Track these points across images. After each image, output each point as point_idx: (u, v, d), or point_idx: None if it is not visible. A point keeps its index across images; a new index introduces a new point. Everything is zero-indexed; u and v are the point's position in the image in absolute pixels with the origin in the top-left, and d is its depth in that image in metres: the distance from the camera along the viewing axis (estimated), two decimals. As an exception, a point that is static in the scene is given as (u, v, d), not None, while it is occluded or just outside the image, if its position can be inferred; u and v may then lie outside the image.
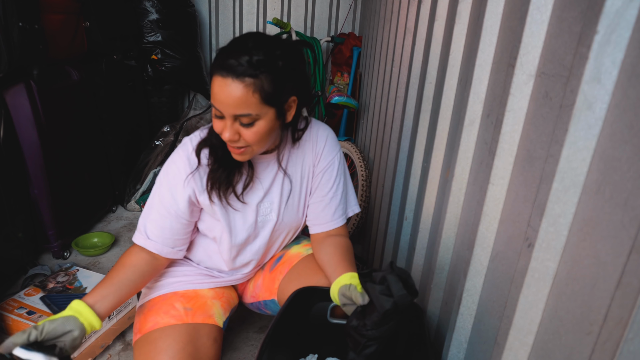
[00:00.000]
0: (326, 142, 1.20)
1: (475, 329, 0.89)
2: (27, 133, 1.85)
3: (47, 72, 1.92)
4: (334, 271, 1.08)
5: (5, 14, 1.62)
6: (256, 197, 1.15)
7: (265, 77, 0.92)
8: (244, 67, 0.90)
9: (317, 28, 3.51)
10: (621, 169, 0.52)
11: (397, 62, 1.74)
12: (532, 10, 0.72)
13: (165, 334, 1.07)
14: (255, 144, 0.99)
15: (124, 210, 2.64)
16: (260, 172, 1.15)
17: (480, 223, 0.85)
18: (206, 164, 1.09)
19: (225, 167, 1.08)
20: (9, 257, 1.78)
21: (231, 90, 0.91)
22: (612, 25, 0.54)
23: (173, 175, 1.09)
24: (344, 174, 1.24)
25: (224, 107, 0.94)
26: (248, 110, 0.93)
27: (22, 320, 1.49)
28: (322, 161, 1.20)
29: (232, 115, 0.94)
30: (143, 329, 1.11)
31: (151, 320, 1.11)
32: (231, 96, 0.91)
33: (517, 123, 0.77)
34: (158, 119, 3.08)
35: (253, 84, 0.91)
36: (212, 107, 0.97)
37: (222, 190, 1.09)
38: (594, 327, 0.54)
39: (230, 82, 0.91)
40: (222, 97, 0.92)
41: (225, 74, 0.91)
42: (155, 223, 1.10)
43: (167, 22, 2.84)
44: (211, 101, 0.96)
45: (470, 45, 1.02)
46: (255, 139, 0.98)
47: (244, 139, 0.98)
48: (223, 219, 1.13)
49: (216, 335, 1.15)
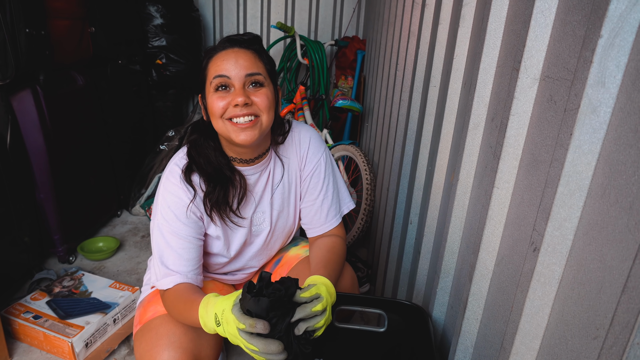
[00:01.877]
0: (309, 145, 1.18)
1: (481, 334, 0.89)
2: (33, 138, 1.86)
3: (53, 77, 1.94)
4: (310, 273, 1.06)
5: (12, 20, 1.64)
6: (250, 208, 1.15)
7: (264, 54, 1.04)
8: (247, 40, 1.01)
9: (321, 32, 3.52)
10: (626, 173, 0.52)
11: (401, 66, 1.74)
12: (536, 14, 0.72)
13: (166, 320, 1.05)
14: (264, 112, 1.00)
15: (129, 214, 2.65)
16: (252, 185, 1.14)
17: (486, 227, 0.85)
18: (200, 189, 1.07)
19: (220, 184, 1.06)
20: (15, 261, 1.80)
21: (240, 54, 0.98)
22: (615, 29, 0.54)
23: (176, 205, 1.05)
24: (333, 173, 1.22)
25: (235, 70, 0.97)
26: (257, 69, 0.99)
27: (29, 325, 1.50)
28: (307, 165, 1.18)
29: (243, 77, 0.97)
30: (143, 319, 1.09)
31: (151, 310, 1.10)
32: (241, 58, 0.98)
33: (521, 127, 0.77)
34: (163, 123, 3.09)
35: (257, 52, 1.02)
36: (213, 85, 0.99)
37: (221, 209, 1.07)
38: (601, 331, 0.53)
39: (238, 49, 0.99)
40: (232, 62, 0.97)
41: (229, 45, 1.00)
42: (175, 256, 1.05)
43: (172, 26, 2.86)
44: (213, 75, 0.98)
45: (474, 49, 1.02)
46: (265, 104, 1.00)
47: (256, 104, 0.99)
48: (222, 234, 1.13)
49: None
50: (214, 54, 1.00)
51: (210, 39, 3.53)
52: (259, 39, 1.05)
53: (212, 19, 3.49)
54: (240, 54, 0.98)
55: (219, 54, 0.99)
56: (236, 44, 1.00)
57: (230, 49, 0.99)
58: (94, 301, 1.63)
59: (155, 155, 2.72)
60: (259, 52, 1.02)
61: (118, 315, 1.60)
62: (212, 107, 0.99)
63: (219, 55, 0.99)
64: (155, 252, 1.06)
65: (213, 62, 0.99)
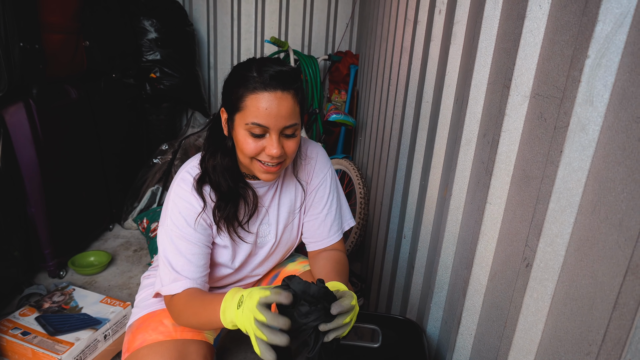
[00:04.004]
0: (317, 160, 1.20)
1: (475, 349, 0.88)
2: (25, 151, 1.85)
3: (46, 91, 1.94)
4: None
5: (6, 34, 1.64)
6: (257, 221, 1.16)
7: (299, 88, 0.97)
8: (289, 77, 0.94)
9: (315, 46, 3.56)
10: (615, 190, 0.53)
11: (394, 81, 1.76)
12: (525, 33, 0.73)
13: (153, 350, 1.04)
14: (291, 156, 1.01)
15: (121, 228, 2.63)
16: (260, 196, 1.15)
17: (479, 242, 0.85)
18: (210, 200, 1.07)
19: (232, 201, 1.06)
20: (4, 275, 1.77)
21: (282, 102, 0.93)
22: (602, 50, 0.55)
23: (187, 212, 1.04)
24: (337, 189, 1.24)
25: (276, 121, 0.93)
26: (295, 120, 0.96)
27: (17, 341, 1.47)
28: (314, 179, 1.20)
29: (280, 129, 0.94)
30: (131, 348, 1.08)
31: (139, 338, 1.09)
32: (283, 108, 0.93)
33: (513, 143, 0.78)
34: (156, 136, 3.09)
35: (295, 93, 0.95)
36: (248, 127, 0.94)
37: (230, 223, 1.08)
38: (593, 347, 0.54)
39: (280, 94, 0.92)
40: (274, 112, 0.92)
41: (272, 87, 0.92)
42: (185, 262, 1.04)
43: (166, 41, 2.87)
44: (252, 120, 0.93)
45: (465, 66, 1.04)
46: (294, 150, 0.99)
47: (286, 152, 0.99)
48: (229, 244, 1.12)
49: (206, 352, 1.12)
50: (256, 89, 0.93)
51: (204, 53, 3.55)
52: (297, 72, 0.98)
53: (207, 33, 3.52)
54: (283, 101, 0.93)
55: (261, 94, 0.92)
56: (280, 85, 0.92)
57: (274, 91, 0.92)
58: (85, 317, 1.60)
59: (148, 168, 2.71)
60: (297, 90, 0.96)
61: (109, 331, 1.58)
62: (242, 146, 0.98)
63: (262, 95, 0.92)
64: (162, 258, 1.04)
65: (253, 100, 0.93)
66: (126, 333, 1.16)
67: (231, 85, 0.98)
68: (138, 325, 1.13)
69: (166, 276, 1.03)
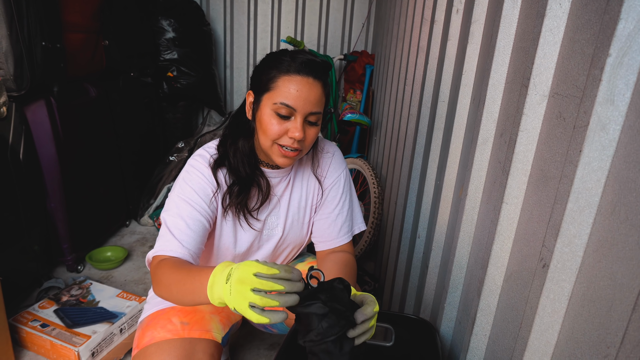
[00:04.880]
0: (332, 159, 1.21)
1: (489, 350, 0.88)
2: (45, 148, 1.89)
3: (66, 89, 1.98)
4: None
5: (29, 34, 1.68)
6: (266, 210, 1.17)
7: (327, 82, 1.03)
8: (322, 68, 1.00)
9: (330, 46, 3.56)
10: (636, 190, 0.52)
11: (409, 81, 1.75)
12: (544, 32, 0.72)
13: (160, 348, 1.06)
14: (308, 145, 1.04)
15: (137, 224, 2.67)
16: (272, 186, 1.16)
17: (494, 242, 0.85)
18: (224, 184, 1.09)
19: (246, 187, 1.09)
20: (24, 269, 1.81)
21: (313, 88, 0.98)
22: (624, 48, 0.54)
23: (197, 179, 1.07)
24: (350, 191, 1.24)
25: (303, 105, 0.97)
26: (320, 108, 1.01)
27: (36, 333, 1.50)
28: (328, 178, 1.20)
29: (306, 114, 0.99)
30: (140, 344, 1.10)
31: (148, 335, 1.11)
32: (313, 93, 0.98)
33: (530, 143, 0.77)
34: (172, 134, 3.13)
35: (325, 85, 1.01)
36: (275, 107, 0.98)
37: (239, 209, 1.10)
38: (611, 349, 0.53)
39: (312, 81, 0.98)
40: (304, 95, 0.97)
41: (305, 73, 0.97)
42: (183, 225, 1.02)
43: (183, 40, 2.91)
44: (281, 100, 0.97)
45: (483, 65, 1.03)
46: (313, 138, 1.03)
47: (306, 139, 1.02)
48: (231, 228, 1.13)
49: (213, 350, 1.13)
50: (289, 72, 0.98)
51: (220, 53, 3.58)
52: (330, 66, 1.05)
53: (223, 33, 3.55)
54: (313, 87, 0.98)
55: (294, 77, 0.97)
56: (312, 73, 0.98)
57: (306, 77, 0.97)
58: (101, 310, 1.63)
59: (164, 166, 2.74)
60: (325, 83, 1.02)
61: (125, 325, 1.60)
62: (266, 126, 1.00)
63: (294, 78, 0.97)
64: (163, 225, 1.04)
65: (284, 82, 0.97)
66: (137, 329, 1.18)
67: (264, 67, 1.03)
68: (147, 323, 1.14)
69: (163, 237, 1.01)
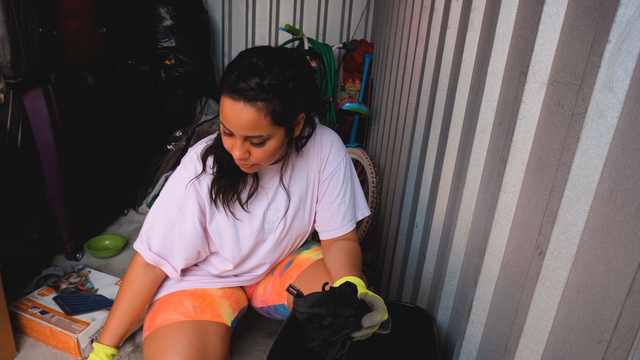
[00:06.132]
0: (331, 148, 1.19)
1: (485, 337, 0.89)
2: (43, 135, 1.88)
3: (64, 76, 1.96)
4: (336, 274, 1.08)
5: (26, 20, 1.67)
6: (262, 205, 1.16)
7: (277, 100, 0.90)
8: (255, 91, 0.88)
9: (329, 34, 3.54)
10: (633, 177, 0.52)
11: (409, 69, 1.74)
12: (544, 19, 0.72)
13: (173, 330, 1.09)
14: (263, 160, 1.00)
15: (135, 213, 2.67)
16: (266, 182, 1.15)
17: (492, 230, 0.85)
18: (211, 172, 1.09)
19: (229, 176, 1.09)
20: (23, 257, 1.81)
21: (242, 113, 0.89)
22: (623, 34, 0.54)
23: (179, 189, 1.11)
24: (351, 178, 1.23)
25: (235, 129, 0.93)
26: (259, 132, 0.92)
27: (36, 320, 1.51)
28: (327, 167, 1.19)
29: (242, 136, 0.94)
30: (152, 326, 1.13)
31: (160, 317, 1.13)
32: (242, 119, 0.90)
33: (529, 131, 0.77)
34: (170, 123, 3.11)
35: (265, 107, 0.89)
36: (221, 124, 0.96)
37: (226, 196, 1.09)
38: (605, 335, 0.53)
39: (242, 105, 0.89)
40: (233, 120, 0.91)
41: (236, 97, 0.89)
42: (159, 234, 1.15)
43: (181, 28, 2.88)
44: (220, 119, 0.95)
45: (482, 53, 1.02)
46: (264, 157, 0.98)
47: (253, 157, 0.98)
48: (231, 231, 1.14)
49: (224, 333, 1.15)
50: (224, 90, 0.91)
51: (218, 41, 3.56)
52: (273, 85, 0.89)
53: (221, 20, 3.52)
54: (243, 113, 0.89)
55: (227, 99, 0.90)
56: (242, 97, 0.88)
57: (235, 101, 0.89)
58: (100, 298, 1.64)
59: (162, 155, 2.73)
60: (266, 104, 0.89)
61: (123, 312, 1.61)
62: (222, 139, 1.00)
63: (225, 100, 0.91)
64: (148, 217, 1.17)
65: (222, 100, 0.92)
66: (147, 311, 1.20)
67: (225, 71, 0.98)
68: (159, 305, 1.16)
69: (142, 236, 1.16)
